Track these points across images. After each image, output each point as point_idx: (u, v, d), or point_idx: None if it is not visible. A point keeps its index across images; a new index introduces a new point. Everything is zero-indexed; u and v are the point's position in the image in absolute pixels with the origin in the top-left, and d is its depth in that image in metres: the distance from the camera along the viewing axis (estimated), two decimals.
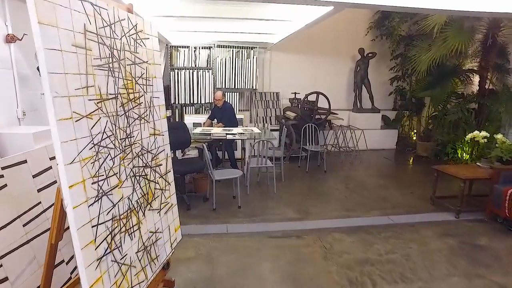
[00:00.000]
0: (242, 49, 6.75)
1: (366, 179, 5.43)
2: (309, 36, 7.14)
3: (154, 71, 2.30)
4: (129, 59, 1.98)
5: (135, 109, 2.03)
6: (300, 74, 7.66)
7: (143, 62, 2.14)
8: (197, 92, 6.59)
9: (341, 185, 5.05)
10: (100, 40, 1.68)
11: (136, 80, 2.05)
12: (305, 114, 6.18)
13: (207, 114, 6.53)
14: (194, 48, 6.51)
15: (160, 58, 2.16)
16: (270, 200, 4.38)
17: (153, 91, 2.26)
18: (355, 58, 7.72)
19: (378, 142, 7.47)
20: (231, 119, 5.54)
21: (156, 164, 2.28)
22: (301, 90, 6.88)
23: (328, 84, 7.61)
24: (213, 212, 3.98)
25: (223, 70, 6.67)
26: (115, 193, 1.77)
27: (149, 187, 2.17)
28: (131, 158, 1.96)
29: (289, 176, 5.37)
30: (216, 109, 5.64)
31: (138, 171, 2.04)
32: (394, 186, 5.02)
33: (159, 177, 2.32)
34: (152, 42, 2.29)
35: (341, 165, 6.28)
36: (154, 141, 2.27)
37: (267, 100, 7.39)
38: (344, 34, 7.57)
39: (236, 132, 4.97)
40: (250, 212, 4.01)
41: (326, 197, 4.56)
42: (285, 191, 4.75)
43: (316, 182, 5.22)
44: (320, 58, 7.73)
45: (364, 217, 3.93)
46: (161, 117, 2.37)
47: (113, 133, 1.78)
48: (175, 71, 6.40)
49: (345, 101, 8.11)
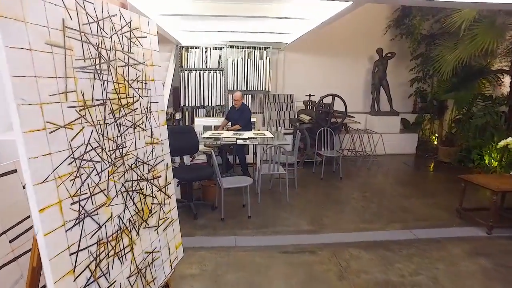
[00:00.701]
0: (254, 50, 6.52)
1: (385, 186, 5.10)
2: (324, 36, 6.84)
3: (153, 73, 2.09)
4: (122, 60, 1.76)
5: (128, 116, 1.81)
6: (314, 76, 7.38)
7: (139, 63, 1.92)
8: (207, 94, 6.39)
9: (358, 193, 4.74)
10: (84, 38, 1.47)
11: (129, 83, 1.83)
12: (320, 117, 5.90)
13: (218, 117, 6.33)
14: (205, 49, 6.32)
15: (160, 58, 1.94)
16: (282, 210, 4.12)
17: (150, 96, 2.04)
18: (373, 58, 7.38)
19: (396, 146, 7.10)
20: (247, 122, 5.31)
21: (153, 176, 2.06)
22: (316, 92, 6.59)
23: (344, 86, 7.29)
24: (221, 222, 3.75)
25: (235, 71, 6.45)
26: (102, 213, 1.56)
27: (145, 202, 1.95)
28: (122, 171, 1.74)
29: (302, 183, 5.10)
30: (233, 110, 5.42)
31: (132, 185, 1.83)
32: (415, 195, 4.68)
33: (157, 191, 2.10)
34: (150, 41, 2.07)
35: (358, 171, 5.96)
36: (152, 151, 2.05)
37: (280, 102, 7.13)
38: (361, 33, 7.24)
39: (247, 137, 4.74)
40: (260, 222, 3.76)
41: (342, 207, 4.27)
42: (298, 199, 4.48)
43: (331, 190, 4.92)
44: (336, 58, 7.42)
45: (383, 230, 3.62)
46: (160, 124, 2.15)
47: (100, 144, 1.56)
48: (185, 72, 6.22)
49: (362, 104, 7.78)
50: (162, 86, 5.27)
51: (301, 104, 6.92)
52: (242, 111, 5.29)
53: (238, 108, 5.29)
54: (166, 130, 2.24)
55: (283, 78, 7.30)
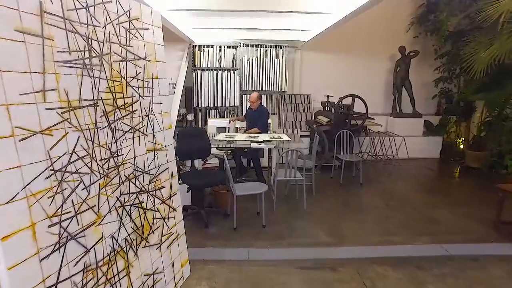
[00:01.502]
0: (270, 48, 6.25)
1: (409, 194, 4.74)
2: (343, 34, 6.53)
3: (156, 70, 1.85)
4: (118, 54, 1.53)
5: (125, 118, 1.58)
6: (333, 76, 7.04)
7: (139, 58, 1.69)
8: (221, 94, 6.16)
9: (380, 201, 4.41)
10: (70, 26, 1.24)
11: (127, 81, 1.60)
12: (339, 119, 5.58)
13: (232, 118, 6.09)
14: (218, 48, 6.09)
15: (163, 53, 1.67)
16: (299, 219, 3.84)
17: (153, 96, 1.80)
18: (395, 57, 6.99)
19: (419, 150, 6.69)
20: (265, 125, 5.03)
21: (156, 187, 1.82)
22: (334, 92, 6.28)
23: (363, 87, 6.92)
24: (234, 232, 3.50)
25: (250, 71, 6.20)
26: (91, 234, 1.32)
27: (145, 217, 1.71)
28: (117, 183, 1.51)
29: (320, 189, 4.79)
30: (249, 111, 5.15)
31: (129, 199, 1.59)
32: (444, 204, 4.31)
33: (160, 203, 1.86)
34: (154, 34, 1.83)
35: (379, 176, 5.61)
36: (154, 158, 1.81)
37: (297, 103, 6.83)
38: (382, 31, 6.87)
39: (262, 140, 4.47)
40: (275, 232, 3.49)
41: (363, 216, 3.95)
42: (316, 207, 4.19)
43: (351, 197, 4.60)
44: (355, 58, 7.07)
45: (411, 244, 3.29)
46: (164, 127, 1.91)
47: (89, 152, 1.33)
48: (198, 71, 6.01)
49: (382, 105, 7.39)
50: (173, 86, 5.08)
51: (319, 105, 6.60)
52: (261, 113, 5.00)
53: (255, 109, 5.02)
54: (172, 134, 2.00)
55: (300, 78, 7.00)
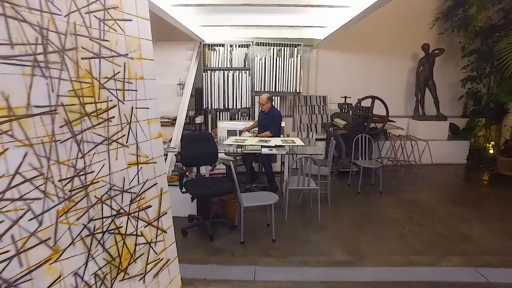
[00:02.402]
0: (284, 47, 5.93)
1: (434, 205, 4.32)
2: (362, 31, 6.16)
3: (142, 69, 1.57)
4: (88, 50, 1.26)
5: (98, 128, 1.30)
6: (351, 76, 6.67)
7: (118, 55, 1.41)
8: (232, 95, 5.89)
9: (403, 213, 4.02)
10: (11, 12, 0.97)
11: (101, 83, 1.32)
12: (357, 122, 5.21)
13: (244, 121, 5.82)
14: (229, 47, 5.82)
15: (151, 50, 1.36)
16: (312, 232, 3.51)
17: (136, 99, 1.53)
18: (417, 56, 6.55)
19: (444, 155, 6.22)
20: (277, 128, 4.73)
21: (139, 207, 1.54)
22: (352, 94, 5.90)
23: (384, 87, 6.53)
24: (241, 246, 3.21)
25: (262, 71, 5.90)
26: (42, 275, 1.05)
27: (124, 245, 1.44)
28: (85, 207, 1.24)
29: (336, 198, 4.45)
30: (261, 114, 4.85)
31: (101, 225, 1.32)
32: (475, 217, 3.88)
33: (145, 226, 1.58)
34: (139, 26, 1.56)
35: (400, 184, 5.20)
36: (137, 174, 1.53)
37: (312, 105, 6.49)
38: (403, 28, 6.44)
39: (274, 144, 4.17)
40: (286, 248, 3.18)
41: (383, 230, 3.58)
42: (332, 218, 3.85)
43: (370, 207, 4.23)
44: (375, 56, 6.66)
45: (439, 266, 2.90)
46: (151, 136, 1.63)
47: (43, 172, 1.06)
48: (207, 72, 5.75)
49: (404, 107, 6.96)
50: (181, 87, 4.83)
51: (336, 107, 6.24)
52: (272, 116, 4.69)
53: (267, 112, 4.72)
54: (161, 144, 1.72)
55: (316, 78, 6.66)
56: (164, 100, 5.08)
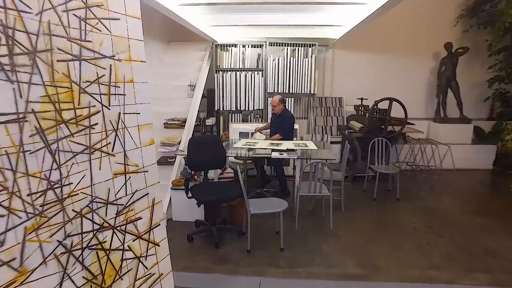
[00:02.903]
0: (298, 47, 5.77)
1: (456, 214, 4.06)
2: (380, 30, 5.92)
3: (131, 71, 1.47)
4: (66, 52, 1.16)
5: (77, 136, 1.20)
6: (367, 77, 6.43)
7: (103, 57, 1.31)
8: (245, 97, 5.77)
9: (421, 222, 3.79)
10: None
11: (82, 87, 1.22)
12: (374, 125, 4.98)
13: (257, 123, 5.69)
14: (242, 47, 5.70)
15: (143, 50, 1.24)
16: (323, 241, 3.34)
17: (125, 104, 1.43)
18: (439, 55, 6.25)
19: (468, 160, 5.90)
20: (289, 131, 4.59)
21: (127, 219, 1.44)
22: (369, 95, 5.67)
23: (402, 88, 6.26)
24: (247, 255, 3.08)
25: (276, 72, 5.76)
26: None
27: (108, 261, 1.34)
28: (60, 222, 1.14)
29: (351, 204, 4.25)
30: (273, 116, 4.72)
31: (81, 240, 1.22)
32: (502, 229, 3.60)
33: (134, 239, 1.48)
34: (128, 26, 1.46)
35: (419, 190, 4.94)
36: (125, 184, 1.43)
37: (327, 107, 6.31)
38: (424, 26, 6.15)
39: (285, 148, 4.02)
40: (294, 258, 3.02)
41: (400, 241, 3.37)
42: (345, 227, 3.66)
43: (385, 215, 4.01)
44: (394, 56, 6.39)
45: (461, 284, 2.68)
46: (141, 143, 1.53)
47: (6, 186, 0.96)
48: (219, 73, 5.66)
49: (424, 109, 6.66)
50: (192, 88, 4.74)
51: (352, 109, 6.02)
52: (284, 118, 4.55)
53: (278, 114, 4.58)
54: (153, 152, 1.61)
55: (332, 79, 6.46)
56: (175, 101, 5.03)
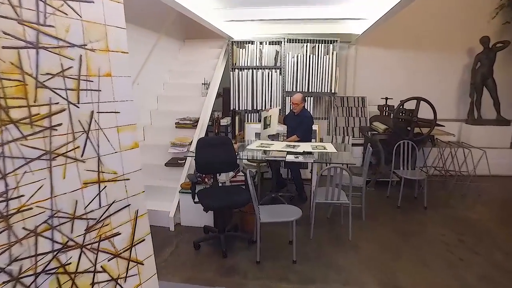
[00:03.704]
0: (318, 44, 5.46)
1: (493, 227, 3.64)
2: (407, 24, 5.55)
3: (109, 63, 1.26)
4: (15, 37, 0.96)
5: (31, 139, 1.01)
6: (393, 74, 6.02)
7: (70, 45, 1.11)
8: (261, 96, 5.53)
9: (452, 235, 3.41)
10: None
11: (40, 80, 1.03)
12: (400, 126, 4.61)
13: None
14: (259, 44, 5.46)
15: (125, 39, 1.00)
16: (340, 253, 3.05)
17: (99, 102, 1.22)
18: (473, 51, 5.77)
19: (506, 166, 5.39)
20: (307, 132, 4.31)
21: (101, 236, 1.24)
22: (395, 95, 5.28)
23: (431, 87, 5.84)
24: (256, 267, 2.84)
25: (295, 70, 5.48)
26: None
27: (74, 286, 1.14)
28: (5, 244, 0.95)
29: (372, 212, 3.92)
30: (291, 115, 4.41)
31: (33, 264, 1.02)
32: None
33: (110, 258, 1.27)
34: (105, 10, 1.25)
35: (449, 198, 4.52)
36: (99, 195, 1.22)
37: (349, 106, 5.97)
38: (457, 19, 5.68)
39: (301, 151, 3.75)
40: (307, 272, 2.76)
41: (427, 257, 3.01)
42: (365, 238, 3.35)
43: (411, 226, 3.66)
44: (422, 53, 5.95)
45: None
46: (121, 147, 1.32)
47: None
48: (235, 70, 5.44)
49: (455, 109, 6.18)
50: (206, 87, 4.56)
51: (375, 110, 5.64)
52: (302, 119, 4.26)
53: (297, 113, 4.31)
54: (137, 156, 1.40)
55: (354, 77, 6.10)
56: (188, 100, 4.87)
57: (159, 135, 4.47)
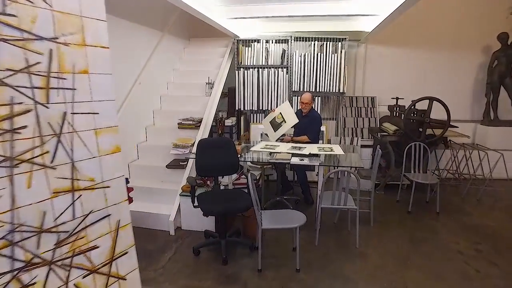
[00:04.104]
0: (326, 42, 5.28)
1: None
2: (418, 21, 5.36)
3: (85, 59, 1.14)
4: None
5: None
6: (404, 73, 5.81)
7: (38, 38, 0.99)
8: (267, 96, 5.39)
9: (467, 244, 3.21)
10: None
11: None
12: (411, 128, 4.41)
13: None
14: (265, 42, 5.32)
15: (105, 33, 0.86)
16: (347, 262, 2.88)
17: (73, 102, 1.10)
18: (490, 48, 5.51)
19: None
20: (317, 133, 4.17)
21: (75, 250, 1.12)
22: (406, 94, 5.08)
23: (445, 87, 5.61)
24: (257, 275, 2.70)
25: (302, 69, 5.32)
26: None
27: None
28: None
29: (381, 218, 3.75)
30: (298, 115, 4.17)
31: None
32: None
33: (86, 275, 1.15)
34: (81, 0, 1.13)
35: (463, 203, 4.30)
36: (73, 204, 1.11)
37: (358, 107, 5.77)
38: (473, 15, 5.44)
39: (307, 153, 3.60)
40: (311, 282, 2.60)
41: (439, 267, 2.84)
42: (373, 245, 3.18)
43: (422, 233, 3.46)
44: (434, 51, 5.71)
45: None
46: (99, 152, 1.20)
47: None
48: (241, 70, 5.31)
49: (469, 110, 5.92)
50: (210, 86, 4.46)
51: (385, 110, 5.44)
52: (312, 119, 4.11)
53: (306, 114, 4.16)
54: (119, 161, 1.28)
55: (364, 77, 5.91)
56: (192, 100, 4.76)
57: (162, 135, 4.37)
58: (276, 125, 4.14)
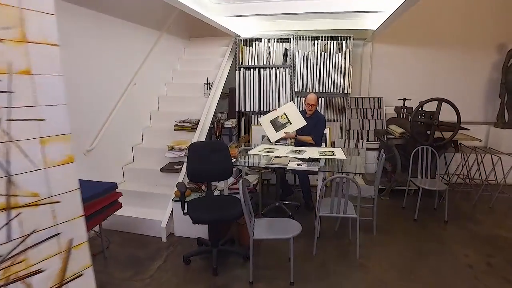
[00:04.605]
0: (330, 41, 5.09)
1: None
2: (427, 18, 5.12)
3: (27, 58, 1.00)
4: None
5: None
6: (412, 74, 5.58)
7: None
8: (269, 96, 5.22)
9: (477, 256, 2.99)
10: None
11: None
12: (418, 130, 4.19)
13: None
14: (267, 41, 5.15)
15: (54, 29, 0.70)
16: (346, 275, 2.70)
17: (11, 107, 0.96)
18: (505, 47, 5.25)
19: None
20: (320, 135, 4.04)
21: (12, 276, 0.98)
22: (413, 95, 4.86)
23: (455, 87, 5.36)
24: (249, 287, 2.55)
25: (305, 69, 5.14)
26: None
27: None
28: None
29: (385, 226, 3.55)
30: (302, 116, 4.01)
31: None
32: None
33: None
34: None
35: (474, 211, 4.07)
36: (9, 224, 0.97)
37: (364, 108, 5.56)
38: (484, 11, 5.18)
39: (306, 157, 3.43)
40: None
41: (447, 281, 2.63)
42: (376, 257, 2.99)
43: (429, 243, 3.26)
44: (444, 49, 5.46)
45: None
46: (46, 163, 1.06)
47: None
48: (241, 70, 5.15)
49: (481, 111, 5.65)
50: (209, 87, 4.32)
51: (392, 112, 5.23)
52: (317, 121, 3.96)
53: (310, 115, 3.99)
54: (73, 173, 1.13)
55: (369, 77, 5.70)
56: (190, 101, 4.63)
57: (158, 137, 4.25)
58: (279, 125, 3.98)
